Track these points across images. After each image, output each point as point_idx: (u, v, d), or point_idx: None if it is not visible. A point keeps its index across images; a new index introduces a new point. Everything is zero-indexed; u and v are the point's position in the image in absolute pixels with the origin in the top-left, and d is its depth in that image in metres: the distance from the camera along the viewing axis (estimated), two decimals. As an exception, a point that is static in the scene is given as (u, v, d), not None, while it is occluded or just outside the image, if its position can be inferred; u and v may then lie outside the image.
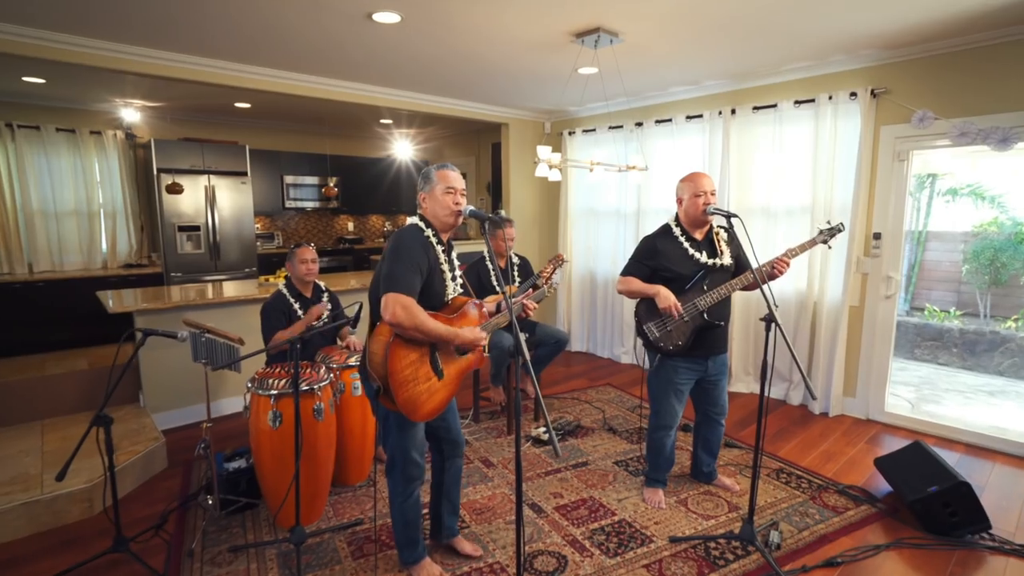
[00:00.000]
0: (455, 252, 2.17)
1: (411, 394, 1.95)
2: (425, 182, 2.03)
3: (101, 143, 5.64)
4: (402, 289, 1.83)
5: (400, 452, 2.09)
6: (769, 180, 4.24)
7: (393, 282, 1.84)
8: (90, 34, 3.36)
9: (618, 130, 5.21)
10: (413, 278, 1.87)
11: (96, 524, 2.66)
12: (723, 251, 2.65)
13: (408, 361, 1.94)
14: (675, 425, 2.77)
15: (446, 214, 2.01)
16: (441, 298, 2.03)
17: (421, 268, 1.92)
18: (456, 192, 2.02)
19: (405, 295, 1.83)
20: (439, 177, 2.02)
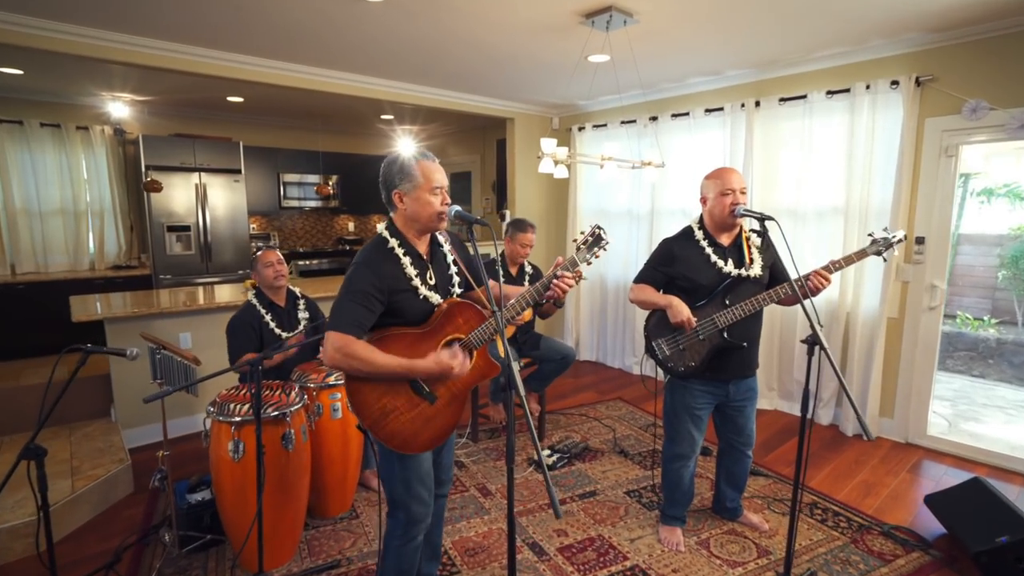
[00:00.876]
0: (446, 245, 1.84)
1: (394, 428, 1.67)
2: (403, 178, 1.66)
3: (88, 139, 5.39)
4: (342, 326, 1.55)
5: (402, 487, 1.76)
6: (797, 179, 3.88)
7: (333, 318, 1.58)
8: (70, 20, 3.09)
9: (631, 125, 4.87)
10: (357, 311, 1.58)
11: (38, 565, 2.36)
12: (753, 260, 2.30)
13: (376, 395, 1.65)
14: (693, 455, 2.43)
15: (430, 218, 1.68)
16: (421, 314, 1.71)
17: (374, 295, 1.60)
18: (443, 191, 1.69)
19: (343, 333, 1.54)
20: (423, 173, 1.65)
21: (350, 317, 1.56)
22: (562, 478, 3.10)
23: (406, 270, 1.67)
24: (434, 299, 1.72)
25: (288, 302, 2.87)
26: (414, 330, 1.69)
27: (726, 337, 2.24)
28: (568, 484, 3.04)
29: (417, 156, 1.69)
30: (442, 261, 1.83)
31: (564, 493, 2.94)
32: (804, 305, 1.91)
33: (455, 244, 1.90)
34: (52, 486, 2.60)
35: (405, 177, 1.66)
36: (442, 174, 1.70)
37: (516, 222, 3.33)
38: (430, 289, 1.72)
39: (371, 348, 1.58)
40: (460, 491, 2.95)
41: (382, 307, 1.63)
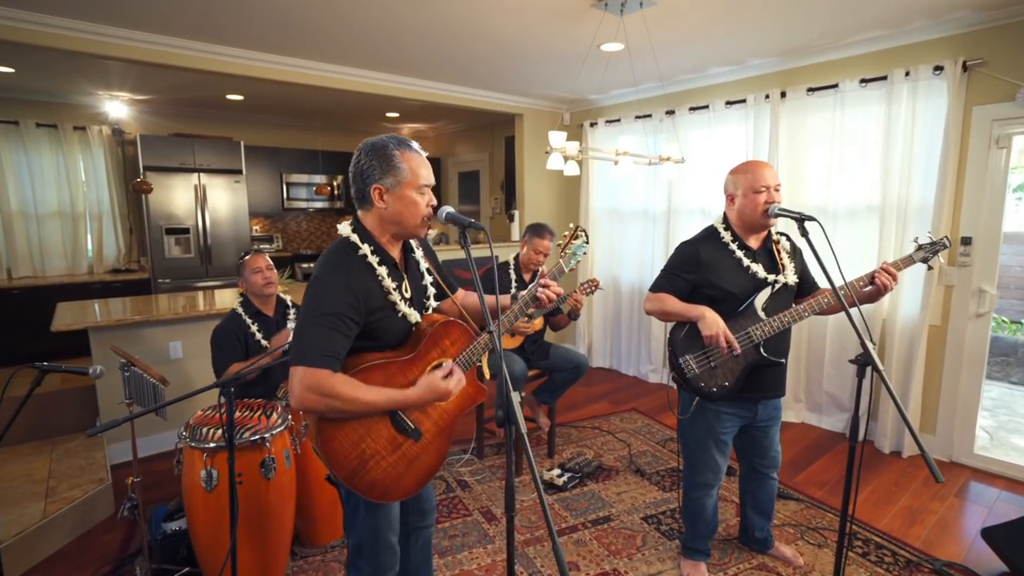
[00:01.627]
0: (419, 251, 1.58)
1: (375, 476, 1.41)
2: (385, 170, 1.37)
3: (86, 139, 5.25)
4: (312, 358, 1.26)
5: (370, 536, 1.52)
6: (826, 175, 3.59)
7: (299, 351, 1.27)
8: (61, 12, 2.93)
9: (646, 120, 4.60)
10: (330, 338, 1.29)
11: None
12: (785, 265, 2.05)
13: (353, 439, 1.38)
14: (717, 483, 2.18)
15: (414, 221, 1.42)
16: (399, 335, 1.47)
17: (350, 317, 1.32)
18: (429, 191, 1.43)
19: (315, 368, 1.26)
20: (409, 166, 1.38)
21: (323, 347, 1.27)
22: (574, 500, 2.86)
23: (383, 283, 1.40)
24: (412, 316, 1.47)
25: (277, 311, 2.66)
26: (395, 357, 1.43)
27: (764, 353, 1.98)
28: (580, 508, 2.79)
29: (399, 144, 1.39)
30: (415, 270, 1.56)
31: (576, 518, 2.70)
32: (853, 319, 1.64)
33: (426, 249, 1.64)
34: (23, 510, 2.43)
35: (388, 169, 1.37)
36: (429, 169, 1.43)
37: (534, 227, 3.09)
38: (408, 305, 1.47)
39: (353, 383, 1.30)
40: (462, 515, 2.72)
41: (358, 330, 1.36)
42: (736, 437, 2.21)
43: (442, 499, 2.88)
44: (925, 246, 1.94)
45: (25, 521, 2.39)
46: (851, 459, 1.71)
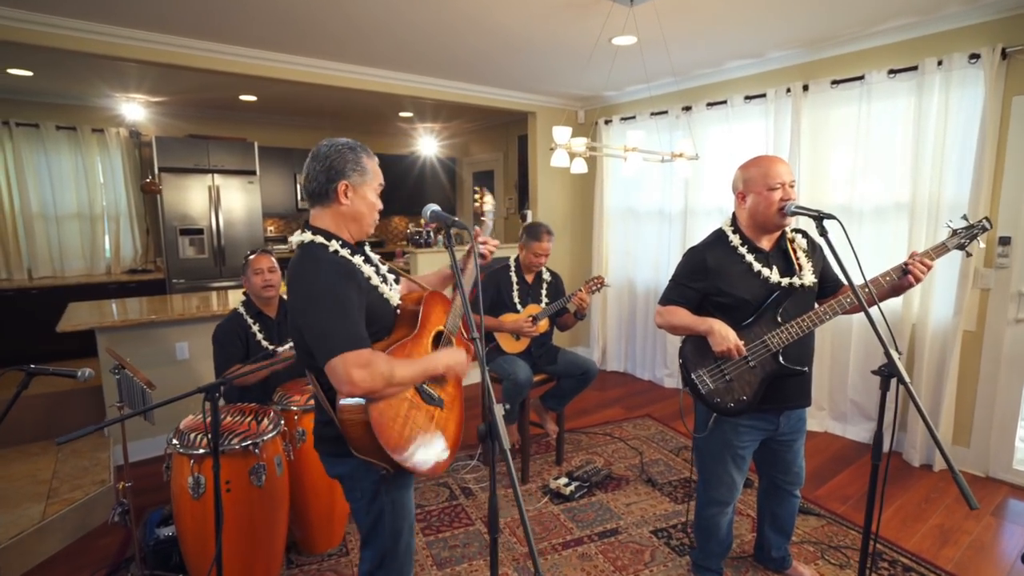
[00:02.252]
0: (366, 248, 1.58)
1: (419, 450, 1.40)
2: (355, 168, 1.41)
3: (104, 141, 5.32)
4: (350, 343, 1.25)
5: (392, 542, 1.47)
6: (851, 172, 3.42)
7: (329, 344, 1.25)
8: (77, 15, 2.95)
9: (662, 116, 4.46)
10: (356, 322, 1.30)
11: (0, 599, 2.16)
12: (802, 266, 1.91)
13: (399, 422, 1.37)
14: (733, 500, 2.04)
15: (370, 221, 1.49)
16: (388, 317, 1.48)
17: (356, 299, 1.34)
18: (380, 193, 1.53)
19: (355, 350, 1.25)
20: (372, 169, 1.46)
21: (352, 331, 1.27)
22: (580, 511, 2.75)
23: (362, 269, 1.42)
24: (393, 299, 1.50)
25: (280, 313, 2.61)
26: (401, 337, 1.45)
27: (782, 362, 1.85)
28: (587, 519, 2.68)
29: (364, 149, 1.47)
30: (373, 261, 1.57)
31: (582, 530, 2.59)
32: (877, 328, 1.51)
33: None
34: (24, 511, 2.42)
35: (357, 168, 1.41)
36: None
37: (530, 228, 3.00)
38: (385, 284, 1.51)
39: (385, 359, 1.30)
40: (464, 525, 2.63)
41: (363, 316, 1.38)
42: (756, 450, 2.07)
43: (444, 507, 2.80)
44: (960, 231, 1.78)
45: (24, 523, 2.38)
46: (873, 477, 1.57)
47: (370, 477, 1.42)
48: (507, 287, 3.02)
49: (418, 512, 2.74)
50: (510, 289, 3.01)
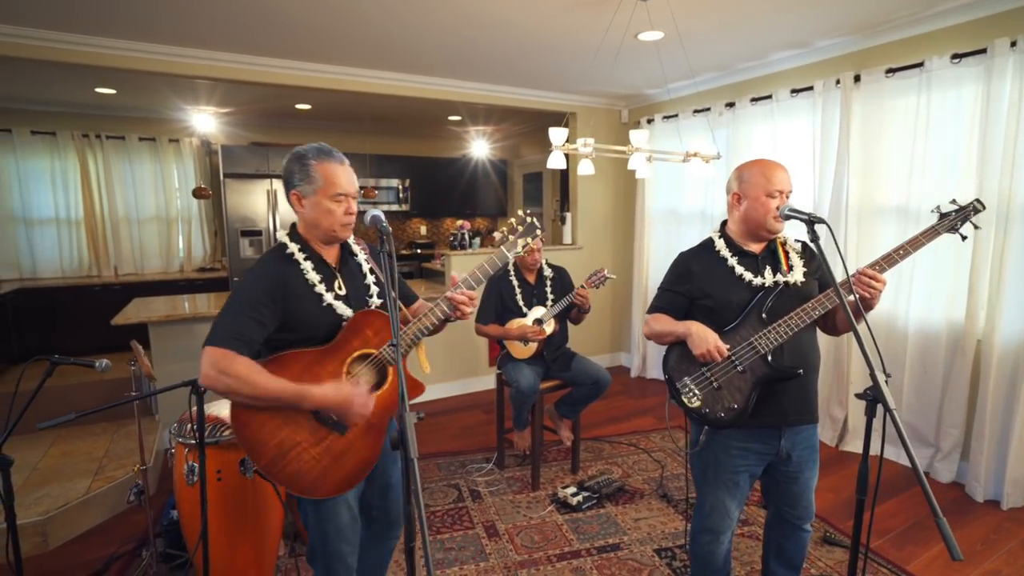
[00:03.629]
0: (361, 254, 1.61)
1: (297, 468, 1.41)
2: (301, 177, 1.44)
3: (179, 151, 5.82)
4: (219, 339, 1.33)
5: (320, 541, 1.55)
6: (908, 169, 3.09)
7: (211, 333, 1.35)
8: (155, 40, 3.33)
9: (704, 114, 4.25)
10: (240, 322, 1.36)
11: (42, 564, 2.41)
12: (792, 266, 1.77)
13: (272, 427, 1.39)
14: (727, 530, 1.89)
15: (330, 228, 1.47)
16: (326, 328, 1.47)
17: (264, 303, 1.39)
18: (347, 199, 1.47)
19: (220, 347, 1.32)
20: (323, 175, 1.44)
21: (232, 329, 1.34)
22: (585, 522, 2.67)
23: (306, 275, 1.45)
24: (342, 310, 1.48)
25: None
26: (315, 348, 1.44)
27: (771, 363, 1.70)
28: (589, 531, 2.60)
29: (318, 154, 1.44)
30: (356, 271, 1.59)
31: (582, 543, 2.51)
32: (863, 344, 1.35)
33: (374, 254, 1.66)
34: (72, 485, 2.68)
35: (304, 177, 1.43)
36: (348, 177, 1.47)
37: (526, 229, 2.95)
38: (338, 299, 1.48)
39: (254, 366, 1.33)
40: (464, 528, 2.64)
41: (276, 319, 1.41)
42: (763, 478, 1.92)
43: (449, 508, 2.81)
44: (950, 215, 1.60)
45: (71, 495, 2.64)
46: (859, 514, 1.41)
47: None
48: (509, 292, 2.98)
49: (423, 512, 2.77)
50: (513, 294, 2.98)
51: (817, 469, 1.86)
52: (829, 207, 3.42)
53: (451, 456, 3.41)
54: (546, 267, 3.09)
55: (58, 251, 5.39)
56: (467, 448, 3.53)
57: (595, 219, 5.18)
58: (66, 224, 5.40)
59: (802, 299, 1.73)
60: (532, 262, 2.98)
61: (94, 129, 5.43)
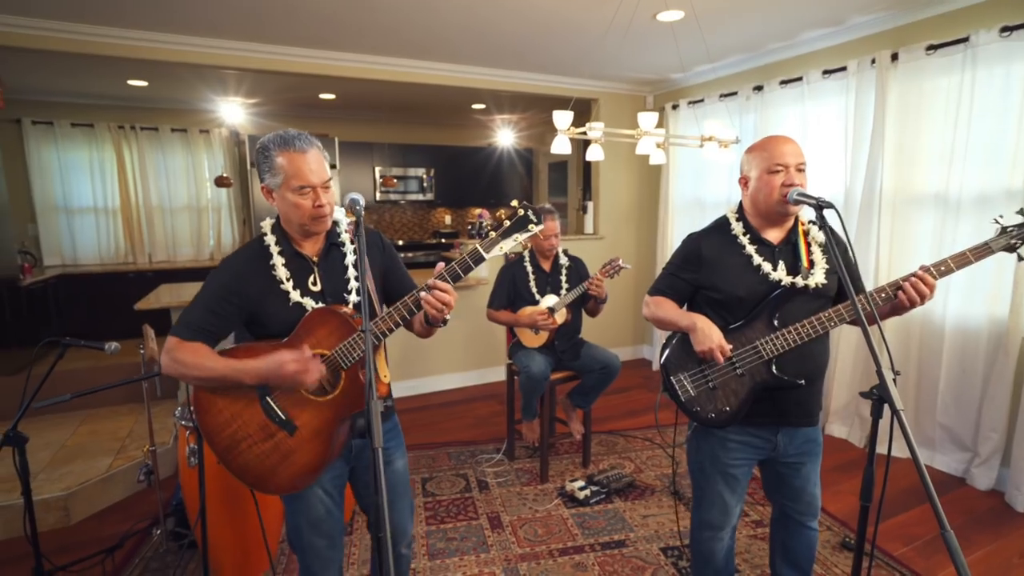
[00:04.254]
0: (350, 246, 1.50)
1: (245, 461, 1.41)
2: (266, 171, 1.36)
3: (209, 141, 5.96)
4: (177, 328, 1.38)
5: (294, 533, 1.52)
6: (949, 154, 2.88)
7: (179, 318, 1.40)
8: (184, 31, 3.42)
9: (731, 98, 4.07)
10: (197, 313, 1.39)
11: (65, 537, 2.51)
12: (814, 263, 1.64)
13: (224, 418, 1.40)
14: (727, 525, 1.81)
15: (301, 222, 1.39)
16: (291, 326, 1.40)
17: (224, 297, 1.39)
18: (315, 191, 1.36)
19: (174, 335, 1.37)
20: (285, 167, 1.33)
21: (188, 319, 1.38)
22: (591, 517, 2.62)
23: (276, 271, 1.40)
24: (307, 303, 1.41)
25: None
26: (273, 342, 1.40)
27: (775, 372, 1.61)
28: (595, 527, 2.54)
29: (280, 144, 1.33)
30: (337, 265, 1.49)
31: (586, 538, 2.46)
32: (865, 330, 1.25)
33: (371, 244, 1.54)
34: (95, 463, 2.78)
35: (268, 170, 1.36)
36: (316, 167, 1.35)
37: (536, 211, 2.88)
38: (307, 295, 1.41)
39: (200, 351, 1.35)
40: (468, 518, 2.62)
41: (238, 312, 1.39)
42: (763, 471, 1.84)
43: (456, 498, 2.80)
44: (1012, 229, 1.44)
45: (92, 473, 2.74)
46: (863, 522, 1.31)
47: None
48: (523, 279, 2.93)
49: (428, 501, 2.77)
50: (526, 280, 2.92)
51: (819, 462, 1.76)
52: (861, 195, 3.23)
53: (463, 446, 3.40)
54: (563, 256, 3.02)
55: (96, 239, 5.61)
56: (479, 438, 3.51)
57: (618, 208, 5.06)
58: (104, 213, 5.61)
59: (820, 303, 1.62)
60: (548, 248, 2.92)
61: (129, 120, 5.61)
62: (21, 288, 4.35)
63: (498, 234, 1.40)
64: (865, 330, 1.27)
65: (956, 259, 1.48)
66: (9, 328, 4.00)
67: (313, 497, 1.46)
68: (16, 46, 3.22)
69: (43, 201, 5.38)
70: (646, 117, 2.38)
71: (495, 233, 1.40)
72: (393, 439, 1.67)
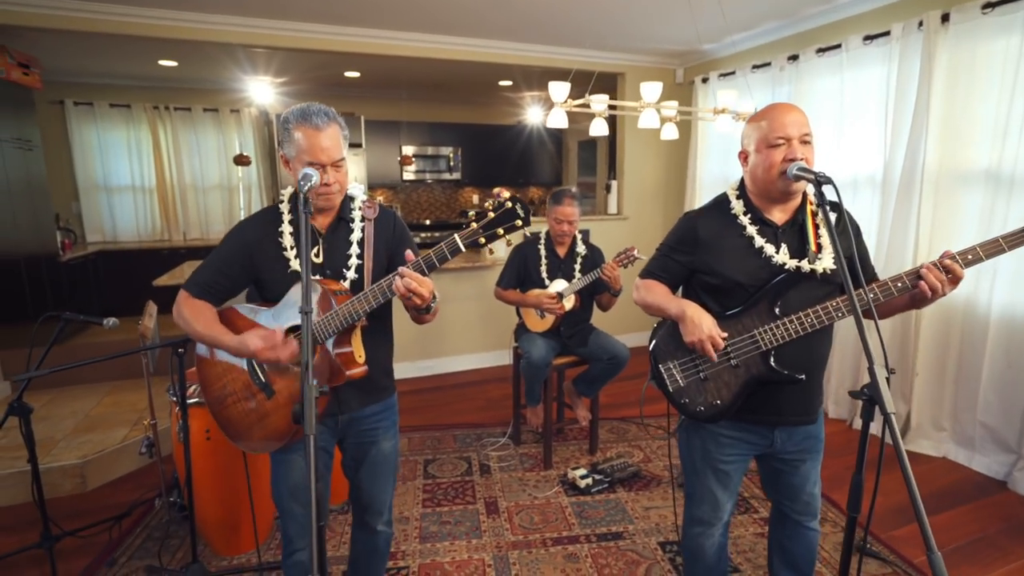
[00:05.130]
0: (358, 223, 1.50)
1: (229, 415, 1.50)
2: (284, 140, 1.40)
3: (239, 120, 6.06)
4: (187, 284, 1.47)
5: (276, 496, 1.56)
6: (1001, 126, 2.60)
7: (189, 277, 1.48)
8: (212, 10, 3.48)
9: (764, 69, 3.80)
10: (206, 271, 1.47)
11: (80, 503, 2.62)
12: (822, 247, 1.49)
13: (218, 371, 1.49)
14: (718, 522, 1.70)
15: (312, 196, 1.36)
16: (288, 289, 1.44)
17: (233, 257, 1.46)
18: (325, 169, 1.36)
19: (184, 290, 1.46)
20: (300, 141, 1.35)
21: (198, 277, 1.46)
22: (591, 507, 2.54)
23: (282, 238, 1.45)
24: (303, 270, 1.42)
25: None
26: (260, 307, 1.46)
27: (773, 365, 1.47)
28: (594, 516, 2.47)
29: (299, 117, 1.36)
30: (342, 240, 1.49)
31: (583, 528, 2.39)
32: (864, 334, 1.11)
33: (383, 222, 1.53)
34: (112, 434, 2.89)
35: (285, 140, 1.39)
36: (328, 145, 1.35)
37: (553, 194, 2.77)
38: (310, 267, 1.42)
39: (197, 308, 1.43)
40: (465, 502, 2.59)
41: (245, 274, 1.46)
42: (760, 467, 1.72)
43: (456, 481, 2.77)
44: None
45: (108, 443, 2.85)
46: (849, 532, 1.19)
47: None
48: (534, 261, 2.84)
49: (428, 483, 2.76)
50: (538, 263, 2.83)
51: (820, 459, 1.63)
52: (901, 172, 2.96)
53: (470, 428, 3.37)
54: (580, 244, 2.90)
55: (134, 216, 5.82)
56: (488, 421, 3.47)
57: (642, 188, 4.86)
58: (141, 191, 5.81)
59: (827, 289, 1.47)
60: (560, 233, 2.80)
61: (163, 101, 5.75)
62: (61, 264, 4.56)
63: (479, 226, 1.31)
64: (860, 322, 1.13)
65: (986, 247, 1.30)
66: (49, 302, 4.21)
67: (294, 464, 1.49)
68: (51, 27, 3.33)
69: (85, 179, 5.61)
70: (649, 87, 2.22)
71: (476, 224, 1.31)
72: (383, 420, 1.64)
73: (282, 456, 1.50)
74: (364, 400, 1.57)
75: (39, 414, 3.25)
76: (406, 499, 2.61)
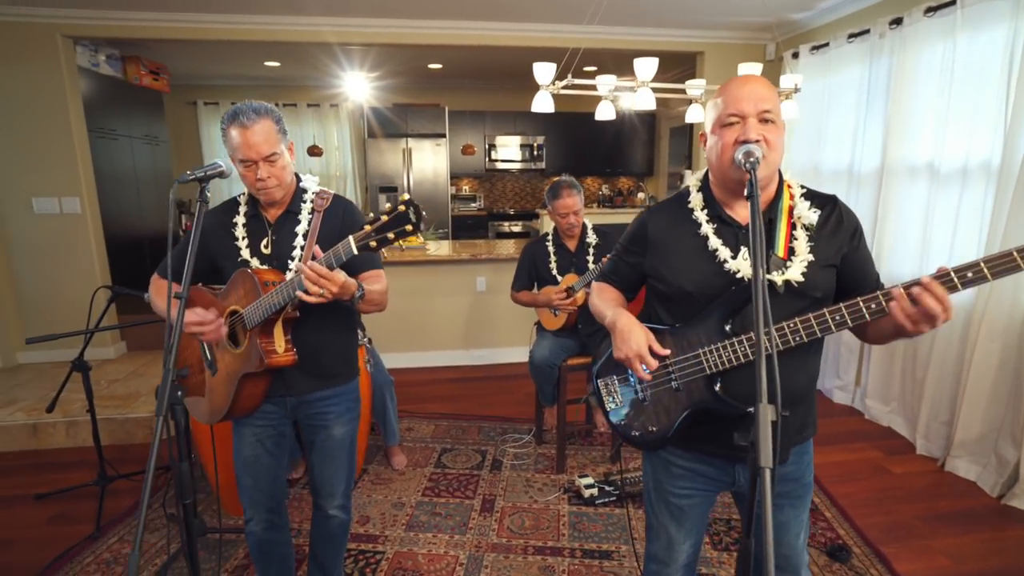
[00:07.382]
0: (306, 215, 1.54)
1: (193, 383, 1.64)
2: (226, 141, 1.45)
3: (337, 114, 6.52)
4: (160, 268, 1.62)
5: (234, 465, 1.67)
6: None
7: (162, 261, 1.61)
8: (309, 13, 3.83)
9: (861, 38, 3.24)
10: (176, 260, 1.51)
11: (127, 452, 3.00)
12: (794, 251, 1.22)
13: (188, 342, 1.63)
14: (672, 562, 1.48)
15: (252, 191, 1.49)
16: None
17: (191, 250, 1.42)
18: (257, 165, 1.41)
19: (156, 273, 1.63)
20: (231, 140, 1.40)
21: (166, 259, 1.53)
22: (590, 519, 2.39)
23: (236, 229, 1.54)
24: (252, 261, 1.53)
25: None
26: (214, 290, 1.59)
27: (718, 392, 1.25)
28: (588, 530, 2.31)
29: (230, 118, 1.40)
30: (289, 232, 1.55)
31: (571, 541, 2.25)
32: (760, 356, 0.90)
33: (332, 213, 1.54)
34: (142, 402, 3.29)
35: (226, 141, 1.44)
36: (257, 141, 1.38)
37: (552, 186, 2.61)
38: (256, 255, 1.53)
39: (160, 287, 1.57)
40: (463, 496, 2.56)
41: (204, 259, 1.55)
42: (736, 500, 1.49)
43: (463, 473, 2.76)
44: None
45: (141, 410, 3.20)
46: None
47: None
48: (543, 258, 2.71)
49: (436, 472, 2.77)
50: (547, 260, 2.69)
51: (805, 508, 1.36)
52: (1006, 158, 2.36)
53: (498, 422, 3.34)
54: (591, 233, 2.72)
55: (249, 203, 6.53)
56: (518, 416, 3.41)
57: (723, 178, 4.42)
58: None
59: (803, 305, 1.20)
60: (567, 226, 2.65)
61: (274, 99, 6.35)
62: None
63: (372, 229, 1.26)
64: (759, 347, 0.91)
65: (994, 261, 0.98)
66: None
67: (245, 438, 1.60)
68: (177, 38, 3.88)
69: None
70: (642, 64, 1.96)
71: (369, 227, 1.27)
72: (334, 406, 1.68)
73: (237, 429, 1.61)
74: (312, 385, 1.61)
75: (137, 371, 3.81)
76: (409, 485, 2.65)
